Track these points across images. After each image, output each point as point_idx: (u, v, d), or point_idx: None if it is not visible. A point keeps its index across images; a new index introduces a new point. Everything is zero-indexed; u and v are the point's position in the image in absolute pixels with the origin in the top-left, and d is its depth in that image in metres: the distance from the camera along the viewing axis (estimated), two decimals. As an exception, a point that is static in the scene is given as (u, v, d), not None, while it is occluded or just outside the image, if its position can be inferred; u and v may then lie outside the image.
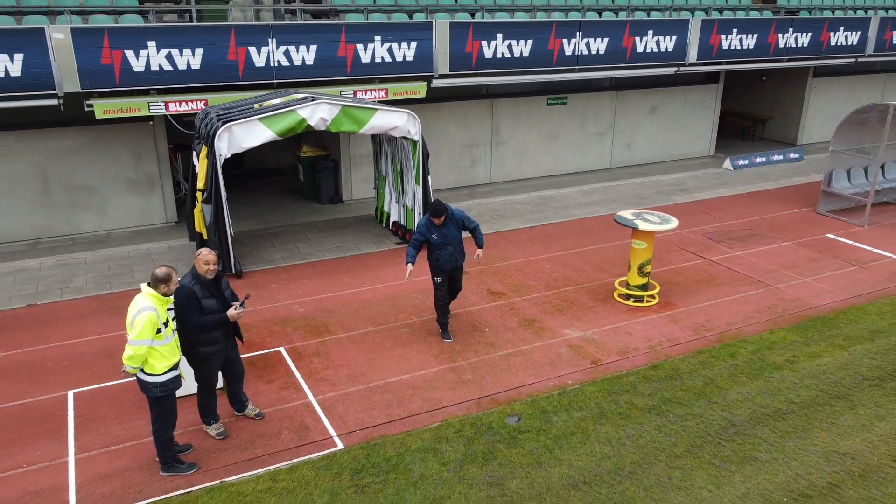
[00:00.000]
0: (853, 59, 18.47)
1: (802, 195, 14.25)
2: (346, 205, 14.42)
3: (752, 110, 21.31)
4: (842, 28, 17.76)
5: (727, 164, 16.83)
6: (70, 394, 7.17)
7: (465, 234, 8.24)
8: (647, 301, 9.29)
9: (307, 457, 6.19)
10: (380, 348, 8.12)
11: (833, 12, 19.30)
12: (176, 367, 5.83)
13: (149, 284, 5.73)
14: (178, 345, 5.92)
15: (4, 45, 10.13)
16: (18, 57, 10.26)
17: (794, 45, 17.19)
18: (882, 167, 13.84)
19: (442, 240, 7.89)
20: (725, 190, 14.95)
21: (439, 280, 8.12)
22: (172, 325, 5.87)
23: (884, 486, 5.81)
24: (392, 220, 12.19)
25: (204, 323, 6.02)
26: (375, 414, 6.85)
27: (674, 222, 8.97)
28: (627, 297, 9.36)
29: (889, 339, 8.31)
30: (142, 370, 5.70)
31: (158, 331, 5.64)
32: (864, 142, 12.70)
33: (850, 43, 18.04)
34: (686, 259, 10.91)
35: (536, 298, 9.46)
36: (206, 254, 6.06)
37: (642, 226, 8.81)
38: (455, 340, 8.30)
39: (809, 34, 17.30)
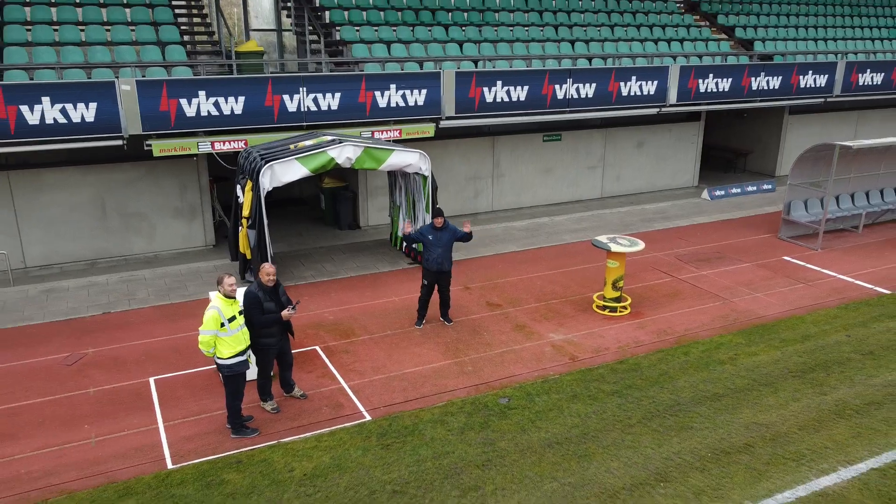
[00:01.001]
0: (822, 99, 20.48)
1: (769, 223, 16.15)
2: (363, 230, 16.40)
3: (734, 144, 23.31)
4: (810, 72, 19.80)
5: (705, 194, 18.80)
6: (151, 380, 9.07)
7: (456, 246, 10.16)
8: (620, 311, 11.17)
9: (343, 425, 8.06)
10: (397, 347, 10.01)
11: (806, 57, 21.42)
12: (241, 354, 7.71)
13: (219, 289, 7.66)
14: (246, 338, 7.81)
15: (81, 95, 12.20)
16: (92, 106, 12.32)
17: (766, 88, 19.22)
18: (852, 196, 15.78)
19: (436, 241, 10.15)
20: (701, 217, 16.89)
21: (426, 283, 10.41)
22: (240, 320, 7.75)
23: (787, 446, 7.62)
24: (404, 245, 14.14)
25: (263, 321, 7.94)
26: (395, 395, 8.71)
27: (641, 245, 10.89)
28: (604, 307, 11.24)
29: (817, 341, 10.15)
30: (216, 356, 7.61)
31: (222, 325, 7.54)
32: (819, 176, 14.63)
33: (818, 85, 20.06)
34: (658, 277, 12.80)
35: (527, 308, 11.36)
36: (268, 267, 8.01)
37: (614, 248, 10.73)
38: (458, 340, 10.18)
39: (780, 77, 19.34)
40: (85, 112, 12.30)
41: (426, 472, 7.15)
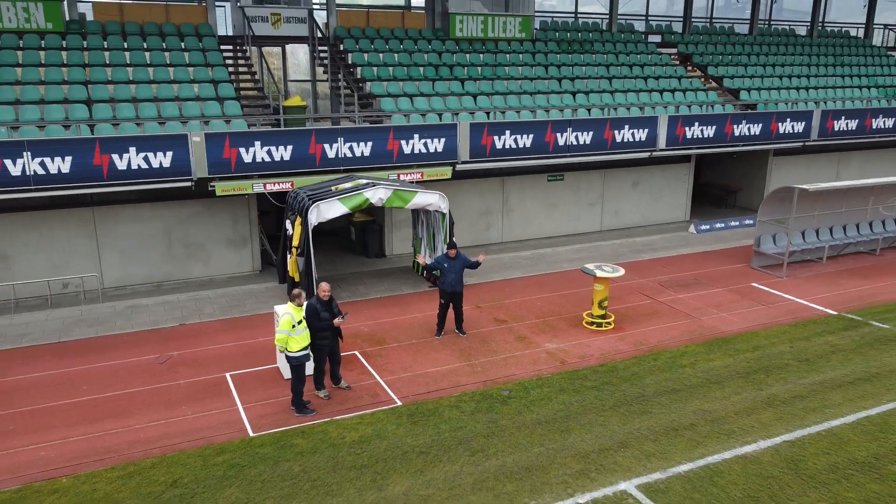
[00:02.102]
0: (801, 144, 22.96)
1: (744, 254, 18.53)
2: (388, 259, 18.98)
3: (725, 182, 25.78)
4: (788, 119, 22.31)
5: (692, 228, 21.24)
6: (227, 375, 11.60)
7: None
8: (605, 326, 13.58)
9: (380, 408, 10.51)
10: (420, 352, 12.49)
11: (787, 105, 23.94)
12: (305, 349, 10.25)
13: (291, 300, 10.22)
14: (308, 338, 10.34)
15: (160, 145, 14.97)
16: (169, 154, 15.08)
17: (748, 134, 21.74)
18: (817, 230, 18.15)
19: (450, 268, 12.71)
20: (686, 249, 19.32)
21: (443, 301, 12.96)
22: (304, 325, 10.29)
23: (723, 425, 9.96)
24: (424, 271, 16.67)
25: (319, 326, 10.47)
26: (420, 388, 11.16)
27: (621, 272, 13.35)
28: (591, 323, 13.66)
29: (764, 351, 12.50)
30: (286, 350, 10.14)
31: (294, 326, 10.08)
32: (785, 214, 17.04)
33: (796, 131, 22.56)
34: (640, 300, 15.22)
35: (528, 323, 13.81)
36: (324, 285, 10.58)
37: (599, 273, 13.19)
38: (470, 348, 12.64)
39: (760, 125, 21.87)
40: (163, 159, 15.05)
41: (444, 440, 9.57)
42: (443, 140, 17.55)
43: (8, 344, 12.87)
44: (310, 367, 10.83)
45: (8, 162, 13.86)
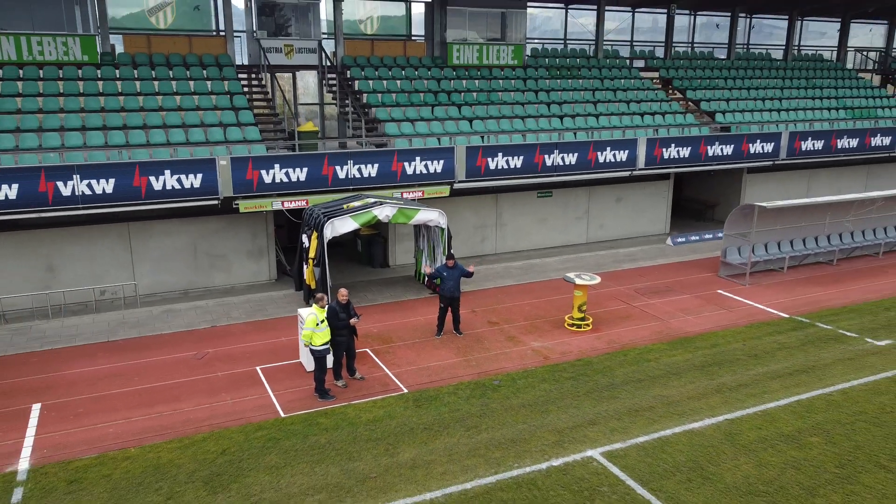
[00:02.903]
0: (771, 163, 25.11)
1: (714, 264, 20.61)
2: (391, 269, 21.03)
3: (704, 197, 27.92)
4: (759, 140, 24.48)
5: (669, 241, 23.35)
6: (258, 368, 13.62)
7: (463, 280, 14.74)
8: (584, 328, 15.63)
9: (389, 395, 12.53)
10: (422, 349, 14.52)
11: (760, 127, 26.11)
12: (326, 344, 12.28)
13: (315, 303, 12.27)
14: (329, 335, 12.37)
15: (191, 168, 17.02)
16: (199, 176, 17.14)
17: (721, 154, 23.90)
18: (779, 243, 20.23)
19: (449, 276, 14.74)
20: (662, 260, 21.42)
21: (442, 305, 15.02)
22: (326, 324, 12.31)
23: (677, 407, 11.99)
24: (426, 279, 18.72)
25: (338, 325, 12.50)
26: (422, 379, 13.19)
27: (597, 280, 15.43)
28: (572, 325, 15.71)
29: (720, 348, 14.56)
30: (311, 344, 12.17)
31: (318, 324, 12.12)
32: (748, 228, 19.12)
33: (766, 151, 24.72)
34: (617, 305, 17.29)
35: (517, 325, 15.86)
36: (343, 290, 12.64)
37: (578, 281, 15.26)
38: (466, 346, 14.67)
39: (733, 145, 24.03)
40: (194, 181, 17.12)
41: (444, 419, 11.60)
42: (441, 162, 19.64)
43: (64, 343, 14.90)
44: (330, 360, 12.86)
45: (60, 184, 15.92)
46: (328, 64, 23.86)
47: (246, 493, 9.57)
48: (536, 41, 30.13)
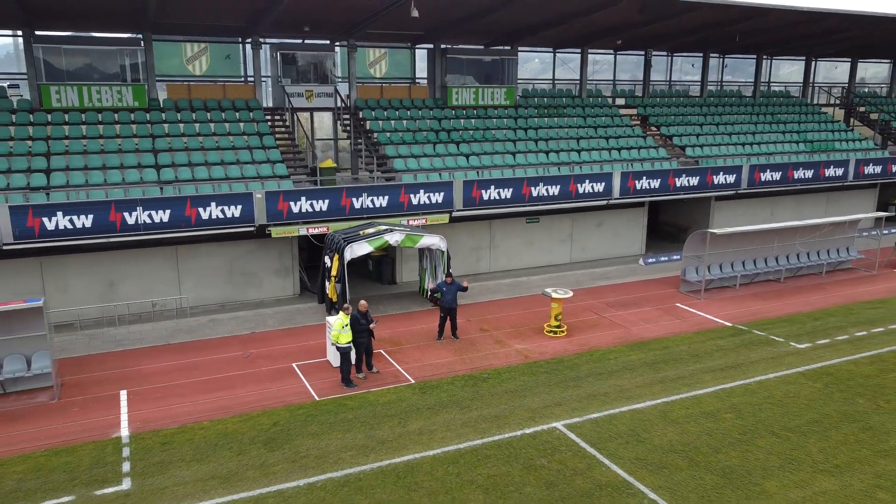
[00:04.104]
0: (734, 192, 28.69)
1: (677, 281, 24.11)
2: (398, 285, 24.55)
3: (677, 221, 31.48)
4: (722, 172, 28.08)
5: (641, 261, 26.87)
6: (294, 365, 17.12)
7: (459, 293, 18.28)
8: (559, 334, 19.11)
9: (400, 384, 16.00)
10: (426, 350, 18.01)
11: (725, 161, 29.72)
12: (349, 343, 15.79)
13: (342, 311, 15.80)
14: (351, 336, 15.88)
15: (232, 201, 20.60)
16: (239, 207, 20.72)
17: (688, 185, 27.49)
18: (732, 263, 23.72)
19: (448, 291, 18.24)
20: (634, 278, 24.95)
21: (442, 315, 18.46)
22: (349, 327, 15.82)
23: (627, 393, 15.44)
24: (429, 294, 22.22)
25: (359, 329, 16.02)
26: (426, 372, 16.66)
27: (570, 293, 18.95)
28: (549, 331, 19.19)
29: (669, 350, 18.02)
30: (338, 343, 15.67)
31: (343, 327, 15.64)
32: (703, 251, 22.63)
33: (729, 181, 28.31)
34: (589, 315, 20.80)
35: (504, 332, 19.36)
36: (363, 301, 16.19)
37: (554, 295, 18.77)
38: (462, 348, 18.15)
39: (698, 177, 27.63)
40: (234, 211, 20.70)
41: (443, 402, 15.06)
42: (442, 194, 23.23)
43: (133, 345, 18.43)
44: (353, 358, 16.35)
45: (126, 214, 19.51)
46: (343, 106, 27.56)
47: (296, 451, 13.03)
48: (527, 81, 33.88)
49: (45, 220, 18.72)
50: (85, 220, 19.12)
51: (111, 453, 12.99)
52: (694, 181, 27.59)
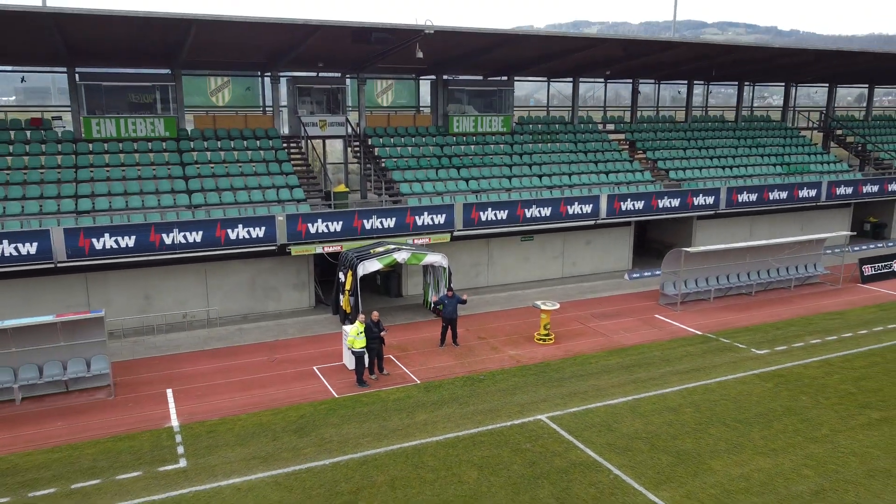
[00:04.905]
0: (713, 213, 31.38)
1: (657, 295, 26.74)
2: (404, 298, 27.23)
3: (663, 238, 34.15)
4: (701, 194, 30.78)
5: (626, 276, 29.54)
6: (315, 367, 19.79)
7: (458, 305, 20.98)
8: (548, 341, 21.76)
9: (407, 384, 18.66)
10: (430, 356, 20.67)
11: (705, 182, 32.44)
12: (363, 348, 18.47)
13: (357, 320, 18.50)
14: (365, 342, 18.55)
15: (257, 223, 23.35)
16: (263, 228, 23.46)
17: (670, 206, 30.19)
18: (707, 278, 26.37)
19: (449, 303, 20.97)
20: (619, 291, 27.62)
21: (444, 325, 21.13)
22: (363, 334, 18.49)
23: (602, 391, 18.07)
24: (432, 306, 24.90)
25: (372, 336, 18.70)
26: (430, 374, 19.31)
27: (557, 306, 21.61)
28: (539, 339, 21.84)
29: (644, 355, 20.66)
30: (353, 347, 18.35)
31: (357, 334, 18.34)
32: (679, 267, 25.29)
33: (708, 203, 31.01)
34: (575, 325, 23.46)
35: (500, 339, 22.02)
36: (376, 311, 18.89)
37: (543, 307, 21.44)
38: (461, 353, 20.81)
39: (679, 199, 30.33)
40: (259, 232, 23.44)
41: (444, 398, 17.71)
42: (444, 215, 25.96)
43: (172, 351, 21.13)
44: (366, 361, 19.00)
45: (164, 235, 22.24)
46: (353, 133, 30.37)
47: (321, 437, 15.68)
48: (523, 108, 36.69)
49: (94, 240, 21.47)
50: (128, 241, 21.86)
51: (166, 439, 15.64)
52: (675, 203, 30.28)
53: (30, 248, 20.75)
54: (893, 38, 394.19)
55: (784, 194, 32.79)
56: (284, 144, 29.07)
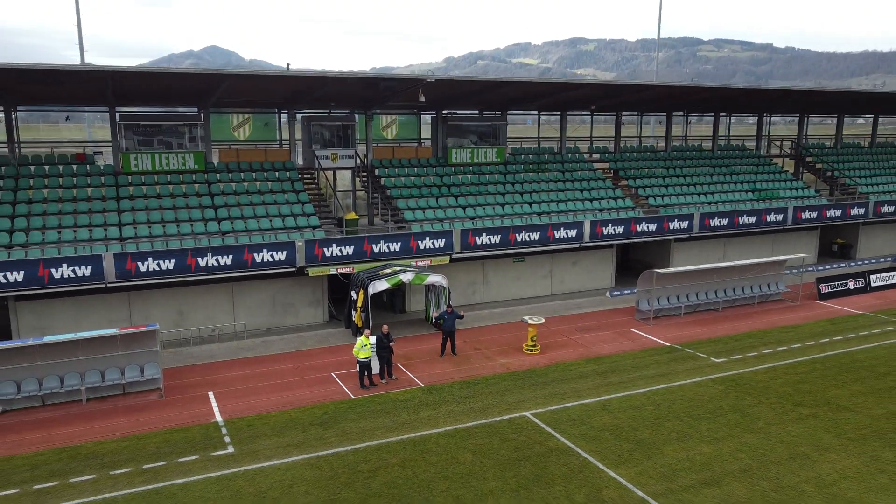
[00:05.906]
0: (687, 236, 34.93)
1: (634, 311, 30.19)
2: (408, 313, 30.69)
3: (644, 259, 37.66)
4: (676, 219, 34.34)
5: (608, 294, 33.03)
6: (333, 374, 23.21)
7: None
8: (534, 351, 25.19)
9: (412, 388, 22.07)
10: (431, 363, 24.10)
11: (680, 208, 36.00)
12: (367, 358, 21.93)
13: (363, 334, 21.97)
14: (369, 353, 21.98)
15: (279, 248, 26.84)
16: (284, 252, 26.96)
17: (647, 230, 33.74)
18: (678, 295, 29.84)
19: (448, 318, 24.52)
20: (601, 307, 31.11)
21: (444, 337, 24.55)
22: (370, 345, 21.92)
23: (581, 394, 21.49)
24: (434, 320, 28.33)
25: (382, 346, 22.15)
26: (432, 379, 22.73)
27: (543, 320, 25.08)
28: (527, 349, 25.27)
29: (617, 363, 24.09)
30: (358, 357, 21.79)
31: (363, 346, 21.79)
32: (651, 286, 28.74)
33: (682, 227, 34.56)
34: (559, 338, 26.91)
35: (493, 350, 25.47)
36: (385, 325, 22.38)
37: (530, 321, 24.91)
38: (459, 361, 24.23)
39: (656, 223, 33.89)
40: (281, 256, 26.94)
41: (445, 398, 21.12)
42: (443, 240, 29.48)
43: (208, 360, 24.57)
44: (376, 367, 22.42)
45: (199, 259, 25.73)
46: (361, 164, 33.96)
47: (343, 429, 19.08)
48: (516, 139, 40.32)
49: (139, 263, 24.96)
50: (168, 264, 25.34)
51: (214, 431, 19.04)
52: (652, 227, 33.83)
53: (85, 271, 24.23)
54: (888, 54, 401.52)
55: (753, 219, 36.35)
56: (300, 175, 32.62)
